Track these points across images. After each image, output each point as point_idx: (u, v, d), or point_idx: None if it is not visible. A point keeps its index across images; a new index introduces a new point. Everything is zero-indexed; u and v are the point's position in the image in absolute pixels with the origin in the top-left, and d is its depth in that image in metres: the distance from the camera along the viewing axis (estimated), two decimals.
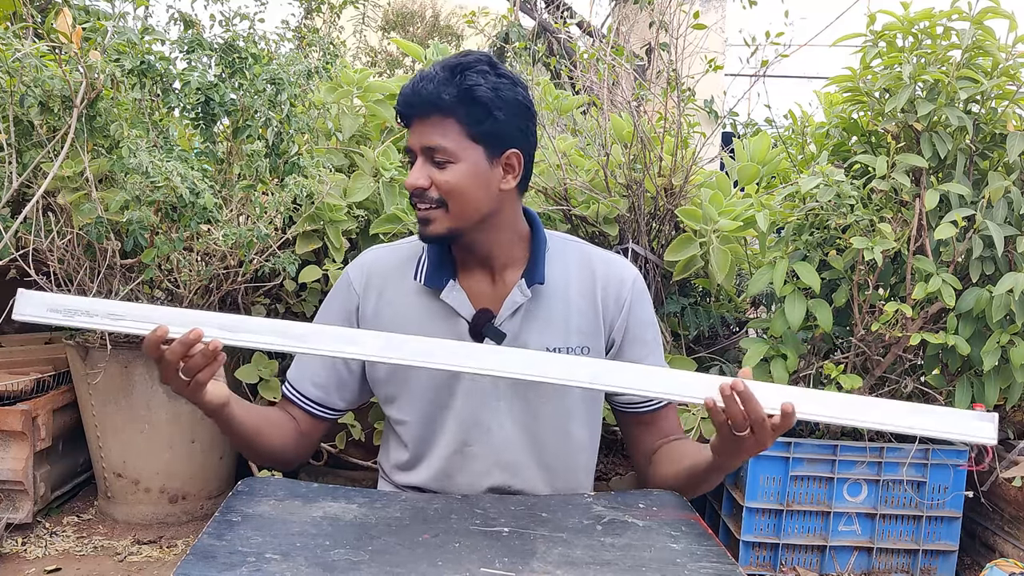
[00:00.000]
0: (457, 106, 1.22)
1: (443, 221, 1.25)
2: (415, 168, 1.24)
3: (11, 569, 2.16)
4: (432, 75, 1.23)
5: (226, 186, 2.27)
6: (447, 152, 1.22)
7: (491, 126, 1.24)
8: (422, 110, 1.23)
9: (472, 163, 1.24)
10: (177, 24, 2.21)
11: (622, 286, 1.35)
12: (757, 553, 2.30)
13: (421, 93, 1.23)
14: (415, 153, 1.25)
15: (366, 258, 1.39)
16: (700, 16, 2.67)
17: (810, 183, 2.09)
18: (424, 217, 1.25)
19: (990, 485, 2.39)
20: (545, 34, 5.03)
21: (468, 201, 1.24)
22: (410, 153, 1.27)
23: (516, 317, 1.30)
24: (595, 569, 0.96)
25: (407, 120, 1.26)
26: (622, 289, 1.35)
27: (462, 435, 1.31)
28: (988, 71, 2.11)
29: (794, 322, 2.13)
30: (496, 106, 1.23)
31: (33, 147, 2.13)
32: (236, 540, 0.97)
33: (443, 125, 1.22)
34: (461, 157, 1.23)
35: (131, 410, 2.37)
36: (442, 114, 1.22)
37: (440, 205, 1.24)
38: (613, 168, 2.45)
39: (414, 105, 1.24)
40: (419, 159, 1.24)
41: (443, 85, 1.22)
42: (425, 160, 1.24)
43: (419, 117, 1.24)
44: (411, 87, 1.24)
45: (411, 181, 1.24)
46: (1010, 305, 2.03)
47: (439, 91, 1.22)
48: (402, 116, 1.27)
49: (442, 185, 1.23)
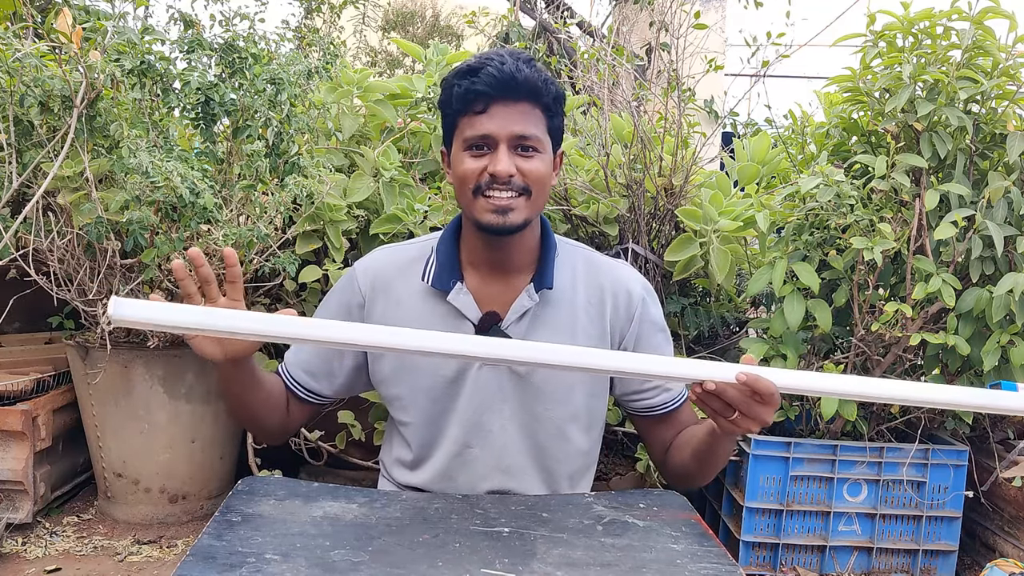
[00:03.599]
0: (546, 96, 1.21)
1: (523, 210, 1.22)
2: (504, 155, 1.19)
3: (11, 569, 2.16)
4: (519, 63, 1.19)
5: (226, 186, 2.27)
6: (536, 141, 1.21)
7: (560, 123, 1.26)
8: (515, 95, 1.20)
9: (548, 156, 1.25)
10: (177, 24, 2.21)
11: (631, 298, 1.35)
12: (757, 553, 2.30)
13: (520, 78, 1.19)
14: (494, 140, 1.20)
15: (372, 259, 1.38)
16: (700, 16, 2.67)
17: (810, 183, 2.09)
18: (505, 206, 1.21)
19: (990, 485, 2.39)
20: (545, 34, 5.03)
21: (544, 193, 1.26)
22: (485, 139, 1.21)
23: (523, 321, 1.30)
24: (595, 570, 0.96)
25: (486, 104, 1.20)
26: (631, 301, 1.35)
27: (464, 437, 1.31)
28: (988, 71, 2.11)
29: (793, 322, 2.13)
30: (563, 104, 1.26)
31: (33, 147, 2.13)
32: (236, 540, 0.97)
33: (532, 114, 1.21)
34: (543, 148, 1.23)
35: (131, 410, 2.37)
36: (532, 102, 1.21)
37: (523, 193, 1.22)
38: (613, 168, 2.45)
39: (510, 89, 1.19)
40: (503, 146, 1.20)
41: (537, 74, 1.20)
42: (510, 148, 1.20)
43: (506, 102, 1.20)
44: (501, 71, 1.19)
45: (504, 168, 1.19)
46: (1010, 305, 2.03)
47: (538, 79, 1.20)
48: (479, 99, 1.20)
49: (531, 173, 1.21)
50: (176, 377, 2.38)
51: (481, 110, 1.21)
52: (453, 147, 1.27)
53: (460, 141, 1.24)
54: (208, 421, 2.47)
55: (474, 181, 1.22)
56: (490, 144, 1.21)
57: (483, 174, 1.21)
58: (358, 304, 1.35)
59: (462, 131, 1.24)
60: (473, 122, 1.22)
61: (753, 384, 1.03)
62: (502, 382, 1.29)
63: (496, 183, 1.21)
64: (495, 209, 1.21)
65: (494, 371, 1.29)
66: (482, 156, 1.22)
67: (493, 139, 1.21)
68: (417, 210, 2.25)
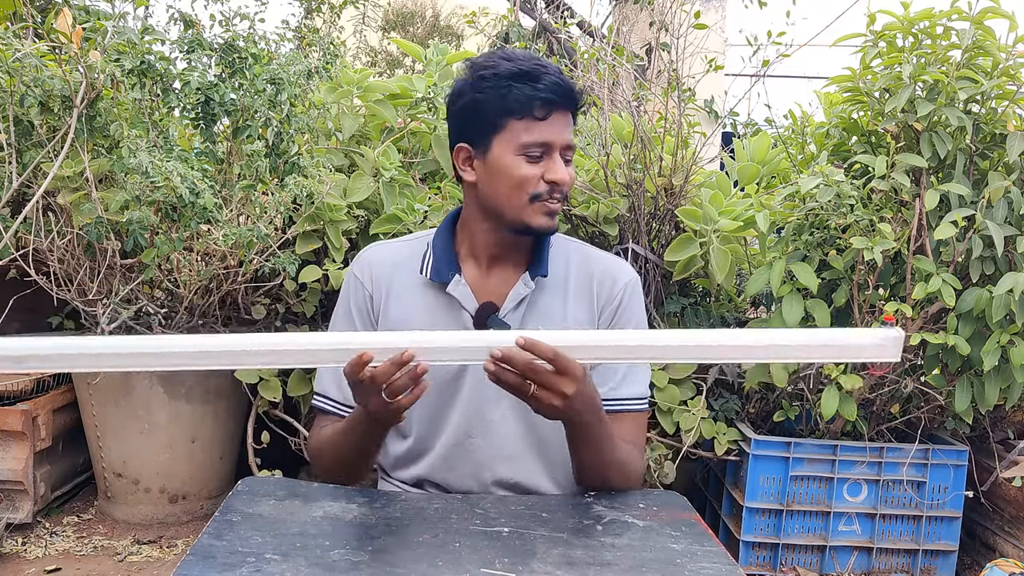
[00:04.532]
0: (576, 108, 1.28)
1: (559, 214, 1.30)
2: (560, 163, 1.24)
3: (11, 569, 2.16)
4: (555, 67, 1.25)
5: (226, 186, 2.27)
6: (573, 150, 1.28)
7: None
8: (570, 105, 1.25)
9: None
10: (177, 24, 2.21)
11: (615, 284, 1.37)
12: (757, 553, 2.30)
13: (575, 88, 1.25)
14: (551, 147, 1.24)
15: (367, 255, 1.40)
16: (700, 16, 2.67)
17: (810, 183, 2.09)
18: (555, 210, 1.27)
19: (990, 485, 2.39)
20: (545, 34, 5.03)
21: None
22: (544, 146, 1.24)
23: (520, 309, 1.32)
24: (595, 569, 0.95)
25: (547, 111, 1.23)
26: (615, 287, 1.37)
27: (465, 427, 1.32)
28: (988, 71, 2.11)
29: (792, 322, 2.13)
30: None
31: (33, 147, 2.13)
32: (236, 540, 0.97)
33: (570, 123, 1.27)
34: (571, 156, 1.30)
35: (131, 410, 2.37)
36: (573, 111, 1.27)
37: (565, 198, 1.29)
38: (613, 168, 2.45)
39: (568, 99, 1.25)
40: (557, 154, 1.24)
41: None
42: (561, 155, 1.25)
43: (564, 111, 1.25)
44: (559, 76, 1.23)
45: (568, 176, 1.25)
46: (1010, 305, 2.03)
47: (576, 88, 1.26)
48: (544, 106, 1.22)
49: (571, 181, 1.28)
50: (176, 377, 2.38)
51: (543, 116, 1.23)
52: (496, 148, 1.26)
53: (513, 144, 1.24)
54: (208, 421, 2.47)
55: (533, 187, 1.24)
56: (547, 151, 1.25)
57: (540, 181, 1.25)
58: (367, 298, 1.36)
59: (515, 134, 1.24)
60: (531, 127, 1.23)
61: (531, 348, 1.05)
62: None
63: (556, 191, 1.26)
64: (549, 213, 1.26)
65: None
66: (538, 162, 1.25)
67: (551, 146, 1.24)
68: (417, 210, 2.25)
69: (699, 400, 2.33)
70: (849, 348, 1.06)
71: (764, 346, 1.05)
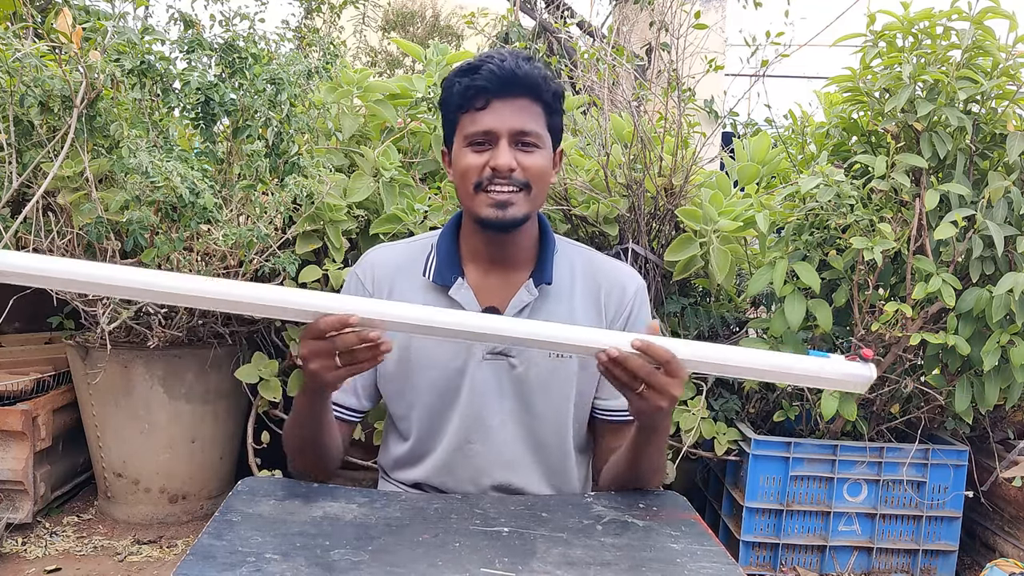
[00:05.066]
0: (545, 93, 1.23)
1: (523, 205, 1.24)
2: (504, 150, 1.21)
3: (11, 569, 2.16)
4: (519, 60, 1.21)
5: (226, 186, 2.27)
6: (536, 137, 1.23)
7: (559, 120, 1.28)
8: (515, 91, 1.21)
9: (548, 152, 1.27)
10: (177, 24, 2.21)
11: (624, 293, 1.36)
12: (757, 553, 2.30)
13: (519, 74, 1.20)
14: (495, 135, 1.22)
15: (370, 257, 1.39)
16: (700, 16, 2.67)
17: (810, 183, 2.09)
18: (505, 200, 1.22)
19: (990, 485, 2.39)
20: (545, 34, 5.03)
21: (544, 187, 1.27)
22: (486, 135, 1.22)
23: (522, 316, 1.31)
24: (595, 569, 0.96)
25: (486, 100, 1.22)
26: (624, 296, 1.36)
27: (464, 432, 1.32)
28: (988, 71, 2.11)
29: (794, 322, 2.13)
30: (562, 102, 1.28)
31: (33, 147, 2.13)
32: (236, 540, 0.97)
33: (531, 109, 1.23)
34: (544, 144, 1.25)
35: (131, 410, 2.37)
36: (532, 98, 1.23)
37: (523, 188, 1.23)
38: (613, 168, 2.45)
39: (509, 85, 1.21)
40: (504, 141, 1.21)
41: (537, 69, 1.22)
42: (511, 143, 1.22)
43: (507, 97, 1.22)
44: (501, 67, 1.20)
45: (505, 161, 1.20)
46: (1010, 305, 2.03)
47: (538, 75, 1.21)
48: (479, 95, 1.21)
49: (531, 168, 1.23)
50: (176, 377, 2.38)
51: (482, 106, 1.22)
52: (454, 144, 1.28)
53: (461, 137, 1.25)
54: (208, 421, 2.47)
55: (476, 176, 1.23)
56: (491, 140, 1.23)
57: (484, 169, 1.22)
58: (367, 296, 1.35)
59: (463, 128, 1.25)
60: (475, 118, 1.23)
61: (647, 349, 1.05)
62: (500, 379, 1.30)
63: (497, 177, 1.22)
64: (495, 203, 1.23)
65: (493, 368, 1.30)
66: (483, 151, 1.23)
67: (494, 134, 1.22)
68: (417, 210, 2.25)
69: (699, 400, 2.33)
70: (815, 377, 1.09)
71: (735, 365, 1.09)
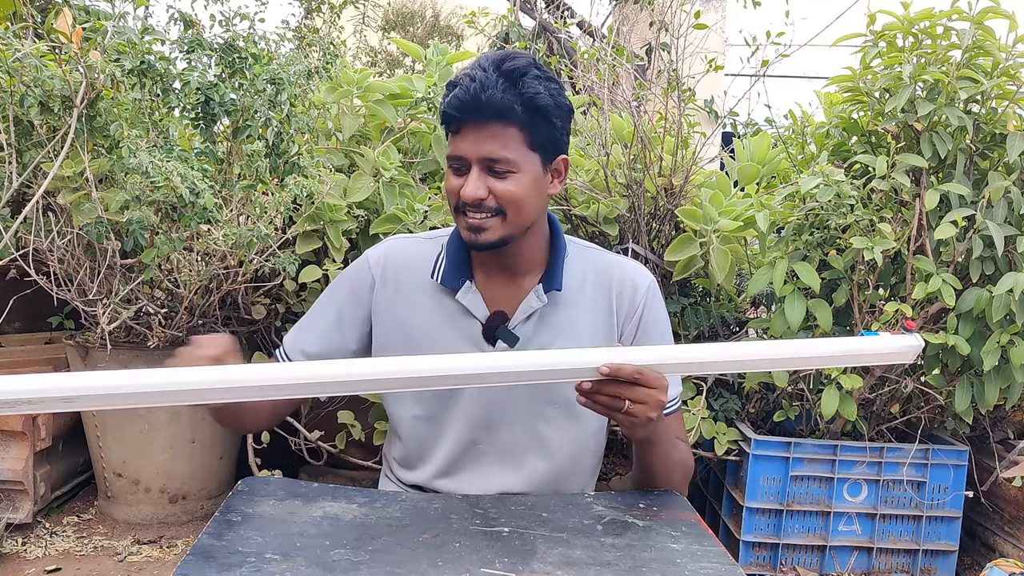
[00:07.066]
0: (521, 115, 1.17)
1: (497, 230, 1.21)
2: (472, 179, 1.18)
3: (11, 569, 2.16)
4: (490, 80, 1.16)
5: (226, 186, 2.27)
6: (509, 163, 1.18)
7: (549, 134, 1.22)
8: (481, 116, 1.17)
9: (531, 172, 1.21)
10: (177, 24, 2.21)
11: (636, 292, 1.34)
12: (757, 553, 2.30)
13: (483, 100, 1.15)
14: (467, 161, 1.19)
15: (387, 245, 1.38)
16: (700, 16, 2.67)
17: (810, 183, 2.09)
18: (477, 226, 1.20)
19: (990, 485, 2.39)
20: (545, 34, 5.03)
21: (525, 210, 1.22)
22: (459, 160, 1.20)
23: (530, 322, 1.30)
24: (595, 569, 0.95)
25: (457, 125, 1.19)
26: (636, 296, 1.34)
27: (470, 434, 1.31)
28: (988, 71, 2.11)
29: (794, 322, 2.13)
30: (555, 114, 1.21)
31: (33, 147, 2.13)
32: (236, 540, 0.97)
33: (504, 135, 1.18)
34: (522, 167, 1.20)
35: (131, 410, 2.37)
36: (504, 123, 1.17)
37: (497, 214, 1.21)
38: (613, 168, 2.45)
39: (473, 111, 1.16)
40: (475, 168, 1.18)
41: (507, 93, 1.16)
42: (482, 170, 1.19)
43: (475, 124, 1.17)
44: (467, 92, 1.16)
45: (471, 192, 1.17)
46: (1010, 305, 2.03)
47: (504, 99, 1.16)
48: (452, 120, 1.19)
49: (503, 195, 1.19)
50: None
51: (455, 130, 1.21)
52: None
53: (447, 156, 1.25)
54: (208, 421, 2.47)
55: (454, 199, 1.22)
56: (464, 165, 1.21)
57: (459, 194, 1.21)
58: (369, 285, 1.34)
59: (449, 145, 1.24)
60: (452, 141, 1.22)
61: (616, 373, 1.05)
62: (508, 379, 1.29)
63: (467, 205, 1.20)
64: (469, 227, 1.22)
65: None
66: (460, 175, 1.22)
67: (465, 161, 1.20)
68: (417, 210, 2.25)
69: (699, 400, 2.33)
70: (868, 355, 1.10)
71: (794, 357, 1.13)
